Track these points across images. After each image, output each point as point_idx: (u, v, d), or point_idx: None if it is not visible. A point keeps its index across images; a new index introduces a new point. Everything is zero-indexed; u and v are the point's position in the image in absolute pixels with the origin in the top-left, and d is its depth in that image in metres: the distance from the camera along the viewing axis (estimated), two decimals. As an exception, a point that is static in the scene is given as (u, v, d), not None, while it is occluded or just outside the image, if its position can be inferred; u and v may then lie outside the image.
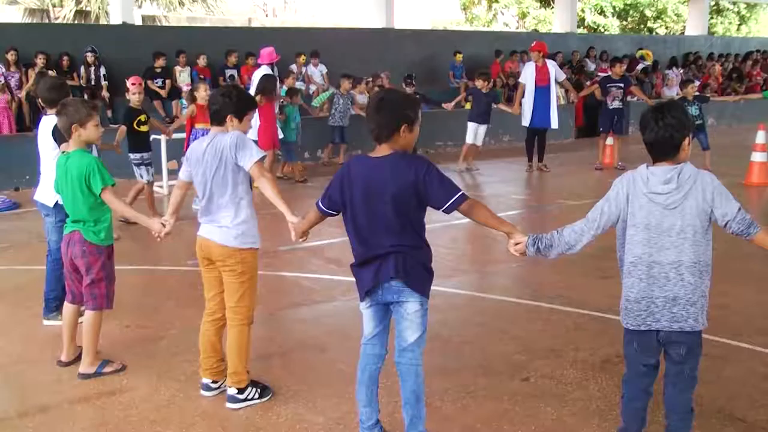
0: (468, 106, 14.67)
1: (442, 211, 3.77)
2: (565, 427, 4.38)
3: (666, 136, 3.52)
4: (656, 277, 3.54)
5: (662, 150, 3.55)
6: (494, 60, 20.29)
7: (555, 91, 14.19)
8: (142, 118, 9.63)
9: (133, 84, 9.55)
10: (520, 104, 14.03)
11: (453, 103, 14.39)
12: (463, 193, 3.77)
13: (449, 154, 15.50)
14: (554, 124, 14.04)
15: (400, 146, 3.79)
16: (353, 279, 4.00)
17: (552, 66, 14.10)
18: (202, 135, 10.14)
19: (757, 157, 12.57)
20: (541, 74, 13.78)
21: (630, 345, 3.73)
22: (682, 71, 22.96)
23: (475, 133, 13.88)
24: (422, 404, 3.97)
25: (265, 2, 44.66)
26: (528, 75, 13.90)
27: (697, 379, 3.72)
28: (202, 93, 10.37)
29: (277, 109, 12.50)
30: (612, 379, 4.93)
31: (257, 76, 13.07)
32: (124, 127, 9.49)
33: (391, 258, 3.76)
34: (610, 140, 14.56)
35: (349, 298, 6.50)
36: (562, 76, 14.63)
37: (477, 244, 8.87)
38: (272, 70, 13.53)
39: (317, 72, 17.36)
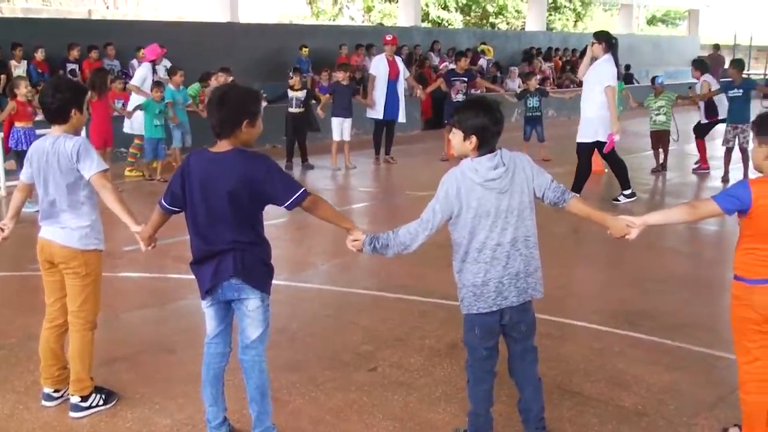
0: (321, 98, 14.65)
1: (284, 207, 3.82)
2: (412, 413, 4.51)
3: (500, 129, 3.75)
4: (499, 258, 3.74)
5: (496, 140, 3.76)
6: (340, 54, 20.34)
7: (403, 85, 14.35)
8: None
9: None
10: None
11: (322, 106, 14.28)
12: (304, 190, 3.83)
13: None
14: (402, 117, 14.24)
15: (241, 142, 3.80)
16: (198, 277, 3.98)
17: (399, 61, 14.31)
18: (24, 135, 9.81)
19: (592, 146, 13.20)
20: (392, 67, 13.94)
21: (471, 332, 3.89)
22: (550, 65, 23.79)
23: (340, 128, 13.75)
24: (268, 399, 4.01)
25: (105, -6, 43.15)
26: (380, 68, 13.97)
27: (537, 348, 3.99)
28: (23, 90, 9.84)
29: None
30: (457, 364, 5.10)
31: (139, 72, 12.77)
32: None
33: (230, 255, 3.79)
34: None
35: (197, 297, 6.37)
36: (407, 73, 14.84)
37: (324, 237, 8.90)
38: (154, 68, 13.22)
39: (161, 67, 16.89)
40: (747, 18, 40.48)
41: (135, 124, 12.76)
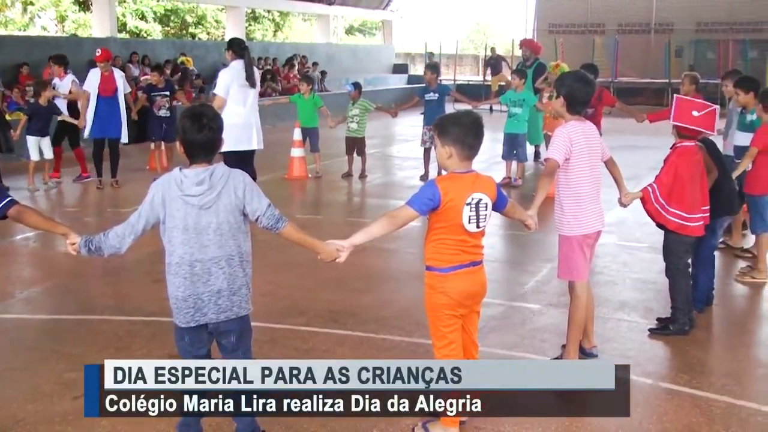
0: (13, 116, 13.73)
1: None
2: (121, 436, 4.43)
3: (212, 138, 3.73)
4: (199, 275, 3.75)
5: (206, 151, 3.75)
6: (21, 73, 19.04)
7: (123, 102, 13.46)
8: None
9: None
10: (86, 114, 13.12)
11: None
12: (11, 199, 3.82)
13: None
14: (124, 137, 13.24)
15: None
16: None
17: (120, 77, 13.36)
18: None
19: (295, 152, 13.55)
20: (108, 83, 13.06)
21: (182, 340, 3.91)
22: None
23: (38, 147, 12.79)
24: None
25: None
26: (93, 83, 13.06)
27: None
28: None
29: None
30: (166, 381, 5.06)
31: None
32: None
33: None
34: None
35: None
36: (128, 89, 13.91)
37: (21, 265, 8.30)
38: None
39: None
40: (436, 29, 43.46)
41: None
